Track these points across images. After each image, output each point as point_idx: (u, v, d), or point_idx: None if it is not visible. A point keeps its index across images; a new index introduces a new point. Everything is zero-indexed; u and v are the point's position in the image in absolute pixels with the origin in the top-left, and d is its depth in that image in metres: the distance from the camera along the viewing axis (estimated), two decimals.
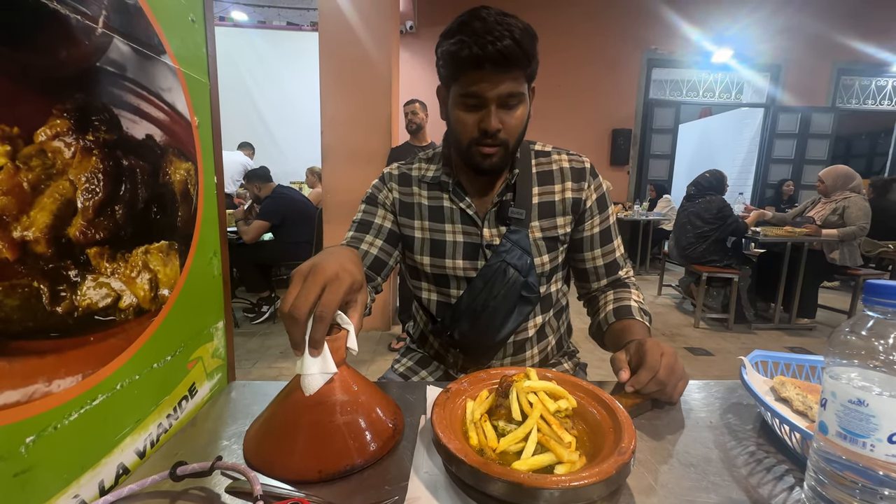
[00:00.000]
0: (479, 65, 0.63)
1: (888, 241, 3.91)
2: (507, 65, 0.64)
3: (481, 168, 0.72)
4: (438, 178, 0.80)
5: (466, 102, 0.68)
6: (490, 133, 0.68)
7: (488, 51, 0.62)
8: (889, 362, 0.34)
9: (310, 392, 0.48)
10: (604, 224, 0.83)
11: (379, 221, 0.82)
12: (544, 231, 0.79)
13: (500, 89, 0.66)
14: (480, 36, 0.62)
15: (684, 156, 6.96)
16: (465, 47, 0.63)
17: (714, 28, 5.41)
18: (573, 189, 0.80)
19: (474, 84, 0.66)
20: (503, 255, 0.76)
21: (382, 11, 2.86)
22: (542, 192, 0.80)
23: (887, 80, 5.80)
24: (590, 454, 0.46)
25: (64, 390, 0.39)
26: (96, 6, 0.42)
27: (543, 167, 0.81)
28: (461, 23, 0.65)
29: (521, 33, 0.63)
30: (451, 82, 0.69)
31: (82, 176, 0.41)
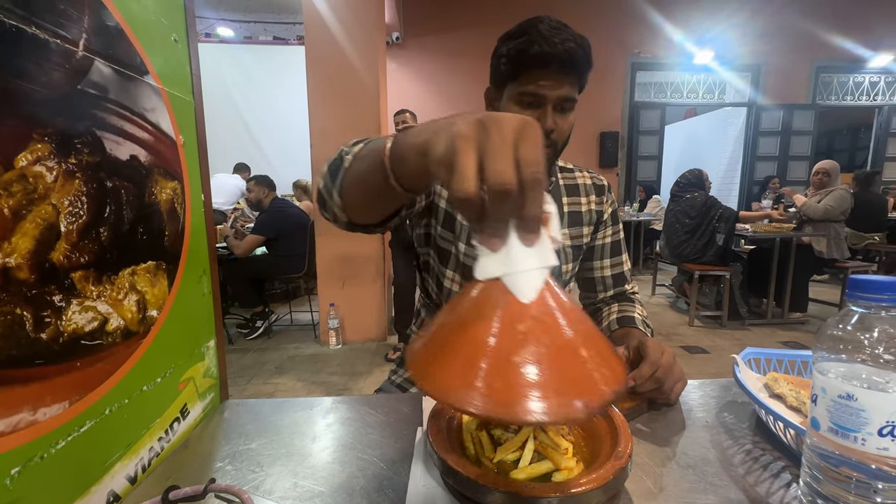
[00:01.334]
0: (546, 63, 0.66)
1: (873, 233, 3.99)
2: (571, 66, 0.67)
3: None
4: None
5: (524, 101, 0.70)
6: (545, 132, 0.69)
7: (557, 49, 0.65)
8: (875, 356, 0.35)
9: (529, 296, 0.32)
10: (615, 236, 0.88)
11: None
12: (573, 239, 0.82)
13: (560, 91, 0.68)
14: (548, 37, 0.65)
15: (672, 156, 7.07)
16: (535, 44, 0.65)
17: (695, 31, 5.53)
18: (596, 202, 0.86)
19: (537, 82, 0.68)
20: None
21: (368, 23, 2.89)
22: (571, 203, 0.84)
23: (864, 76, 5.94)
24: (587, 460, 0.46)
25: (50, 418, 0.39)
26: (77, 30, 0.42)
27: (569, 181, 0.86)
28: (527, 24, 0.68)
29: (582, 41, 0.68)
30: (508, 81, 0.71)
31: (65, 200, 0.41)
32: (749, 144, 6.00)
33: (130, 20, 0.50)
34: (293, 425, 0.61)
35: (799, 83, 5.78)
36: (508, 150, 0.28)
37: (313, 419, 0.63)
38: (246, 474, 0.50)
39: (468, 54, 5.04)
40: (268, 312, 3.32)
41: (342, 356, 2.86)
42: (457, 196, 0.28)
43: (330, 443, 0.57)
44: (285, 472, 0.51)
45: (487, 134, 0.29)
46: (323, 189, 0.52)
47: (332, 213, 0.53)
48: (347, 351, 2.95)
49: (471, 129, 0.29)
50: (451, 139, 0.29)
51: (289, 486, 0.48)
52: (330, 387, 2.42)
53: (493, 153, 0.28)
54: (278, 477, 0.50)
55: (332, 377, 2.54)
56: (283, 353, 2.92)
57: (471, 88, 5.08)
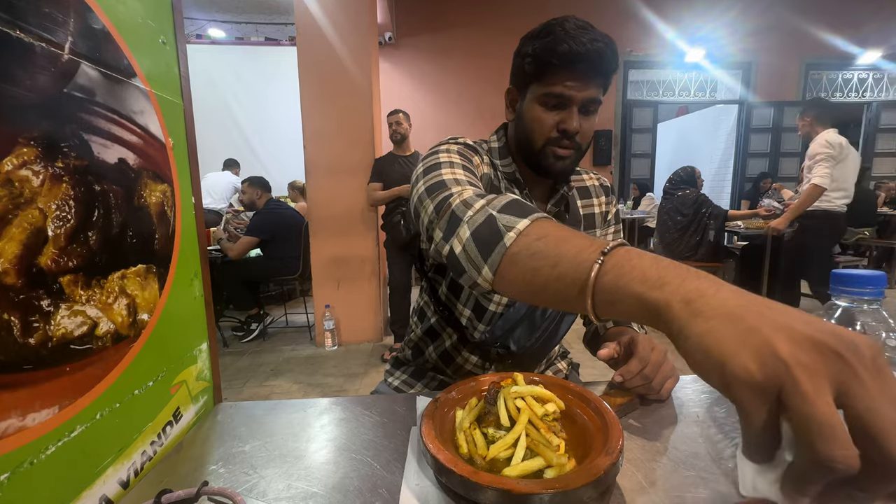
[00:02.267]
0: (574, 62, 0.64)
1: (864, 228, 4.03)
2: (600, 66, 0.65)
3: (552, 170, 0.71)
4: (513, 174, 0.77)
5: (549, 102, 0.68)
6: (570, 134, 0.68)
7: (587, 48, 0.63)
8: None
9: None
10: (616, 236, 0.88)
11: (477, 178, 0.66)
12: None
13: (587, 92, 0.66)
14: (575, 36, 0.63)
15: (664, 154, 7.11)
16: (563, 43, 0.63)
17: (687, 29, 5.56)
18: (605, 203, 0.86)
19: (563, 82, 0.66)
20: None
21: (360, 24, 2.89)
22: (585, 205, 0.84)
23: (853, 72, 6.01)
24: (579, 456, 0.47)
25: (39, 424, 0.38)
26: (62, 33, 0.42)
27: (579, 183, 0.86)
28: (553, 23, 0.66)
29: (609, 41, 0.65)
30: (531, 81, 0.69)
31: (52, 204, 0.40)
32: (741, 141, 6.05)
33: (117, 22, 0.49)
34: (287, 427, 0.61)
35: (789, 80, 5.84)
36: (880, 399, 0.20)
37: (307, 421, 0.63)
38: (239, 477, 0.50)
39: (462, 54, 5.04)
40: (263, 315, 3.30)
41: (338, 358, 2.85)
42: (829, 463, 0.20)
43: (324, 444, 0.57)
44: (279, 474, 0.51)
45: (852, 373, 0.20)
46: (463, 258, 0.48)
47: (470, 280, 0.48)
48: (343, 352, 2.94)
49: (818, 362, 0.21)
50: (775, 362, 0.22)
51: (282, 487, 0.48)
52: (326, 388, 2.41)
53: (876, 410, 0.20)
54: (272, 479, 0.50)
55: (328, 379, 2.54)
56: (278, 356, 2.91)
57: (464, 88, 5.08)
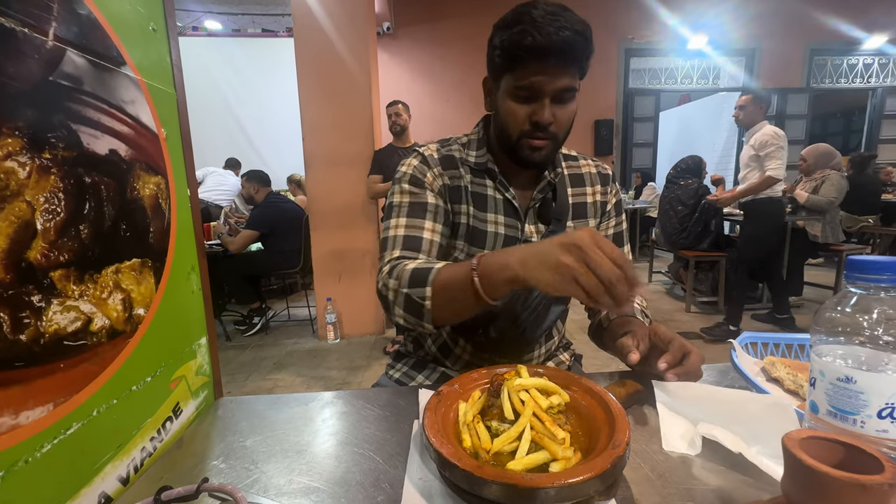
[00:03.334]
0: (542, 55, 0.62)
1: (868, 216, 4.00)
2: (569, 56, 0.63)
3: (529, 161, 0.71)
4: (485, 165, 0.76)
5: (520, 94, 0.67)
6: (542, 126, 0.67)
7: (553, 40, 0.60)
8: (874, 338, 0.34)
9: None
10: (618, 227, 0.85)
11: (433, 202, 0.74)
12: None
13: (557, 83, 0.65)
14: (543, 25, 0.61)
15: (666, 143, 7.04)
16: (528, 35, 0.61)
17: (689, 15, 5.48)
18: (601, 192, 0.83)
19: (532, 76, 0.64)
20: None
21: (357, 14, 2.84)
22: (576, 194, 0.81)
23: (858, 58, 5.92)
24: (585, 449, 0.46)
25: (33, 421, 0.38)
26: (45, 18, 0.40)
27: (574, 170, 0.83)
28: (521, 12, 0.63)
29: (582, 27, 0.62)
30: (504, 73, 0.68)
31: (40, 196, 0.39)
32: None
33: (104, 8, 0.48)
34: (288, 421, 0.61)
35: (793, 66, 5.75)
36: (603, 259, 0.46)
37: (309, 415, 0.63)
38: (240, 472, 0.50)
39: (460, 43, 4.97)
40: (265, 309, 3.31)
41: (340, 350, 2.86)
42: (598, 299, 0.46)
43: (325, 438, 0.57)
44: (280, 469, 0.50)
45: (584, 255, 0.46)
46: (407, 322, 0.65)
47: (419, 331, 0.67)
48: (346, 345, 2.95)
49: (570, 258, 0.47)
50: (559, 270, 0.48)
51: (284, 482, 0.48)
52: (329, 381, 2.42)
53: (598, 264, 0.46)
54: (273, 474, 0.49)
55: (330, 371, 2.54)
56: (281, 349, 2.92)
57: (463, 78, 5.03)
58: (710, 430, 0.47)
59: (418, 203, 0.74)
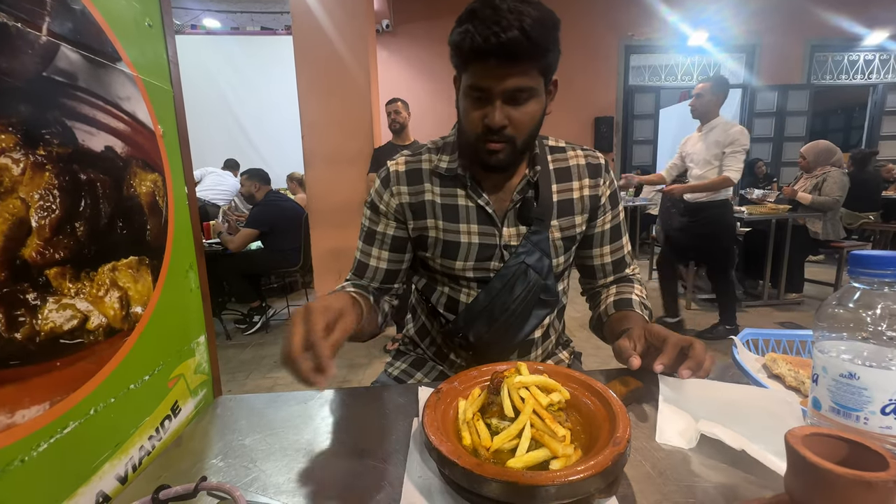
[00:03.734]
0: (483, 57, 0.60)
1: (868, 213, 3.99)
2: (513, 58, 0.59)
3: (488, 164, 0.69)
4: (455, 171, 0.75)
5: (473, 95, 0.65)
6: (494, 129, 0.64)
7: (491, 42, 0.58)
8: (878, 333, 0.34)
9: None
10: (615, 220, 0.82)
11: (381, 230, 0.79)
12: (564, 231, 0.77)
13: (505, 84, 0.62)
14: (487, 26, 0.58)
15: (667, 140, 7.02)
16: (469, 38, 0.59)
17: (689, 11, 5.46)
18: (590, 186, 0.78)
19: (479, 77, 0.62)
20: (522, 257, 0.73)
21: (356, 11, 2.83)
22: (561, 190, 0.77)
23: (859, 54, 5.90)
24: (585, 446, 0.45)
25: (29, 420, 0.37)
26: (38, 12, 0.40)
27: (560, 164, 0.78)
28: (471, 10, 0.61)
29: (534, 23, 0.58)
30: (461, 72, 0.67)
31: (35, 193, 0.39)
32: (744, 126, 5.97)
33: (98, 4, 0.47)
34: (287, 420, 0.60)
35: (794, 63, 5.74)
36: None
37: (308, 413, 0.62)
38: (239, 470, 0.49)
39: None
40: (265, 307, 3.30)
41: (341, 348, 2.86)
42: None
43: (324, 436, 0.56)
44: (279, 467, 0.50)
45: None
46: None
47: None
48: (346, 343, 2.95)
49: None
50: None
51: (282, 480, 0.47)
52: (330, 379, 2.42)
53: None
54: (272, 472, 0.49)
55: None
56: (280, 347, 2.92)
57: None
58: (711, 429, 0.47)
59: (372, 230, 0.81)
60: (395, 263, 0.80)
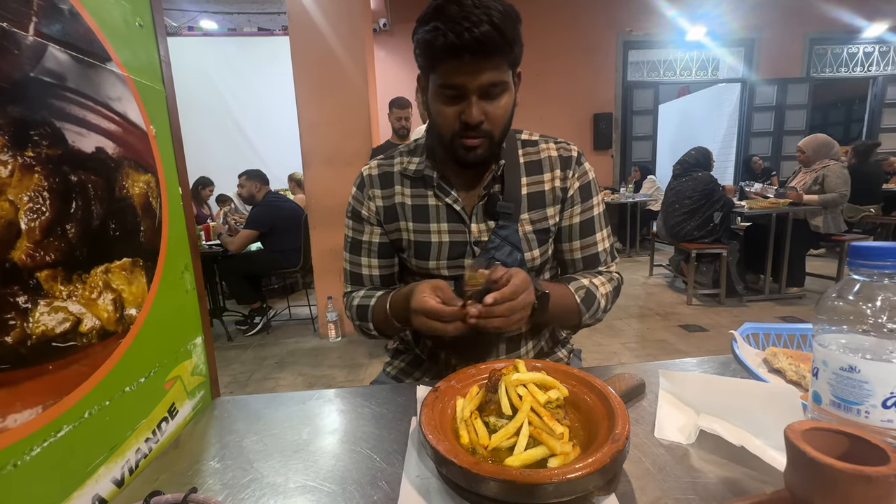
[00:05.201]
0: (457, 54, 0.59)
1: (869, 206, 3.98)
2: (486, 52, 0.59)
3: (466, 161, 0.69)
4: (422, 172, 0.75)
5: (446, 94, 0.64)
6: (472, 125, 0.64)
7: (465, 38, 0.57)
8: (878, 325, 0.33)
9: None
10: (585, 214, 0.78)
11: (367, 238, 0.80)
12: (535, 223, 0.76)
13: (480, 79, 0.62)
14: (457, 22, 0.57)
15: (666, 135, 7.00)
16: (441, 35, 0.58)
17: (687, 6, 5.43)
18: (560, 178, 0.77)
19: (453, 75, 0.62)
20: (492, 252, 0.72)
21: (353, 11, 2.82)
22: (531, 183, 0.76)
23: (858, 46, 5.88)
24: (584, 443, 0.45)
25: (22, 424, 0.37)
26: (24, 12, 0.39)
27: (531, 157, 0.78)
28: (436, 7, 0.60)
29: (502, 17, 0.58)
30: (429, 72, 0.66)
31: (24, 195, 0.38)
32: (743, 121, 5.96)
33: (86, 3, 0.47)
34: (285, 420, 0.60)
35: (793, 56, 5.71)
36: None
37: (306, 413, 0.62)
38: (236, 472, 0.49)
39: None
40: (266, 308, 3.30)
41: (342, 349, 2.86)
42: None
43: (323, 437, 0.56)
44: (276, 468, 0.49)
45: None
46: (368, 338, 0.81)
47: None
48: (347, 343, 2.95)
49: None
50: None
51: (280, 481, 0.47)
52: (331, 379, 2.42)
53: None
54: (269, 473, 0.49)
55: (332, 370, 2.54)
56: (282, 348, 2.92)
57: None
58: (711, 425, 0.47)
59: (357, 240, 0.81)
60: (386, 269, 0.81)
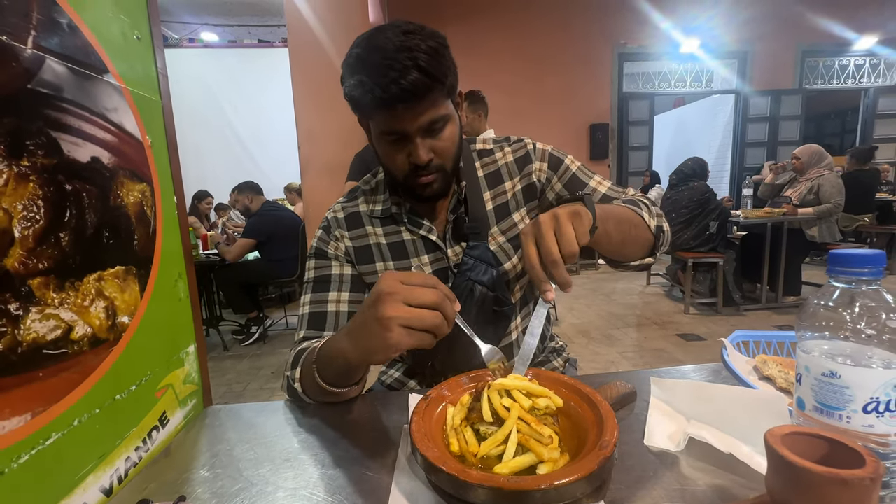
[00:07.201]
0: (389, 105, 0.57)
1: (864, 215, 4.01)
2: (419, 99, 0.57)
3: (425, 197, 0.68)
4: (389, 211, 0.75)
5: (388, 139, 0.63)
6: (422, 165, 0.63)
7: (393, 91, 0.55)
8: (857, 331, 0.34)
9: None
10: (565, 176, 0.75)
11: (337, 272, 0.74)
12: (506, 233, 0.75)
13: (419, 121, 0.60)
14: (383, 74, 0.54)
15: (662, 146, 7.08)
16: (368, 91, 0.56)
17: (681, 19, 5.53)
18: (522, 178, 0.76)
19: (390, 123, 0.61)
20: (468, 274, 0.72)
21: (351, 23, 2.87)
22: (495, 196, 0.76)
23: (849, 59, 5.98)
24: (573, 450, 0.45)
25: (9, 432, 0.37)
26: (23, 26, 0.40)
27: (489, 168, 0.77)
28: (358, 57, 0.58)
29: (428, 58, 0.56)
30: (365, 120, 0.65)
31: (18, 204, 0.39)
32: (738, 131, 6.03)
33: (85, 17, 0.48)
34: (277, 429, 0.60)
35: (785, 68, 5.80)
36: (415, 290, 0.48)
37: (297, 422, 0.62)
38: (226, 481, 0.49)
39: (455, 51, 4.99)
40: (262, 317, 3.29)
41: None
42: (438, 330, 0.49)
43: (313, 445, 0.56)
44: (266, 477, 0.49)
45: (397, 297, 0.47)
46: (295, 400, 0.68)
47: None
48: None
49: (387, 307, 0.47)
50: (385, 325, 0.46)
51: (270, 490, 0.47)
52: None
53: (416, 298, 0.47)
54: (258, 482, 0.48)
55: None
56: (279, 358, 2.90)
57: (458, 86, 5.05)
58: (700, 432, 0.47)
59: (322, 276, 0.74)
60: (356, 305, 0.74)
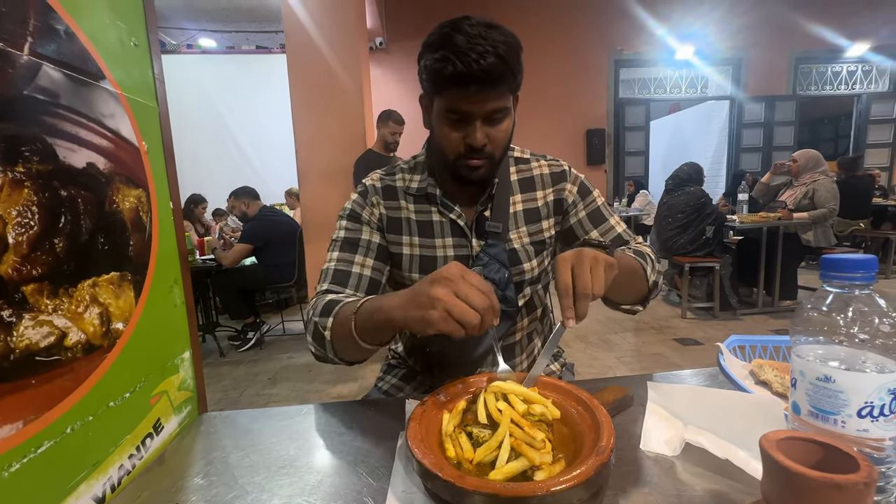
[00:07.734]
0: (464, 84, 0.61)
1: (859, 220, 4.04)
2: (492, 83, 0.62)
3: (468, 179, 0.71)
4: (425, 190, 0.77)
5: (451, 118, 0.67)
6: (476, 148, 0.67)
7: (473, 70, 0.59)
8: (851, 336, 0.34)
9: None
10: (590, 207, 0.80)
11: (367, 237, 0.77)
12: (532, 235, 0.79)
13: (485, 107, 0.64)
14: (464, 53, 0.59)
15: (658, 151, 7.13)
16: (449, 64, 0.60)
17: (676, 26, 5.60)
18: (553, 192, 0.80)
19: (459, 102, 0.64)
20: (482, 270, 0.74)
21: (349, 29, 2.88)
22: (525, 199, 0.79)
23: (842, 65, 6.05)
24: (570, 455, 0.45)
25: (0, 440, 0.37)
26: (20, 32, 0.40)
27: (524, 174, 0.81)
28: (444, 35, 0.62)
29: (507, 49, 0.61)
30: (434, 95, 0.68)
31: (12, 210, 0.39)
32: (733, 137, 6.08)
33: (82, 23, 0.48)
34: (272, 436, 0.60)
35: (779, 75, 5.87)
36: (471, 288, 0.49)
37: (293, 428, 0.61)
38: (221, 488, 0.49)
39: None
40: (259, 323, 3.27)
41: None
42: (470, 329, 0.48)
43: (309, 452, 0.55)
44: (262, 484, 0.49)
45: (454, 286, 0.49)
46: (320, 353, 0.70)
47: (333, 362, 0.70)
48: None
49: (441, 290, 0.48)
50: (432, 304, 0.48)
51: (265, 498, 0.47)
52: (324, 395, 2.39)
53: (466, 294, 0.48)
54: (253, 489, 0.48)
55: (326, 386, 2.51)
56: (276, 364, 2.88)
57: None
58: (696, 437, 0.47)
59: (353, 238, 0.77)
60: (378, 273, 0.77)
